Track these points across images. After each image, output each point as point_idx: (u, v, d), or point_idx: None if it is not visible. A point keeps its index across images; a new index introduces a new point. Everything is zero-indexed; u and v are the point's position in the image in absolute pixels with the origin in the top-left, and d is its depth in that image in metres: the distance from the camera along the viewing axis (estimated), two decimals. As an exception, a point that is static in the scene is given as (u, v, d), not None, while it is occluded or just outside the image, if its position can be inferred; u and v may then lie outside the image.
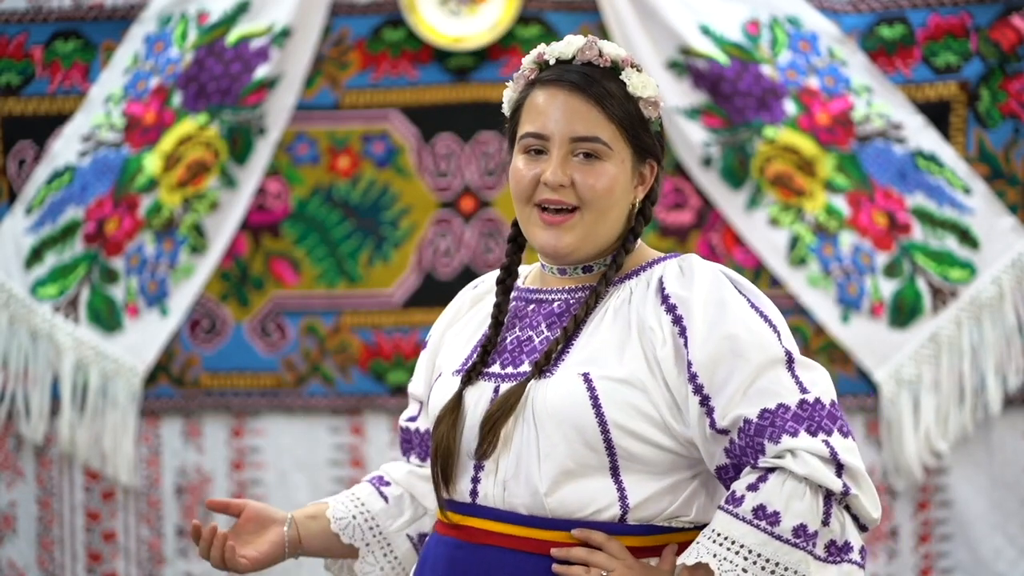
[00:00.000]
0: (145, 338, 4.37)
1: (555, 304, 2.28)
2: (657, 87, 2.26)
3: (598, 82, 2.22)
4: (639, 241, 2.30)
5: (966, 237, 4.21)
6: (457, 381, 2.27)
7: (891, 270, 4.23)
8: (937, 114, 4.23)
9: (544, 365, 2.19)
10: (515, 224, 2.34)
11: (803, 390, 2.14)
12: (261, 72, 4.31)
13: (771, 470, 2.13)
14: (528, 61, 2.28)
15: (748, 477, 2.13)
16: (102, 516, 4.41)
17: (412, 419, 2.44)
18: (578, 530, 2.16)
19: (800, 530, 2.11)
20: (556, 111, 2.22)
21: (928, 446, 4.23)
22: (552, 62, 2.26)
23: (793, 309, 4.28)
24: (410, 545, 2.44)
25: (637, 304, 2.22)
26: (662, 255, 2.29)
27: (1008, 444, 4.25)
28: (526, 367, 2.23)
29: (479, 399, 2.23)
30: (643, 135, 2.24)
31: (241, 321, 4.40)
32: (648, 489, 2.18)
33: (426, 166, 4.37)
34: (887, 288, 4.23)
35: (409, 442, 2.45)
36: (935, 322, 4.23)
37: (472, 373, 2.25)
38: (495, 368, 2.26)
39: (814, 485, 2.11)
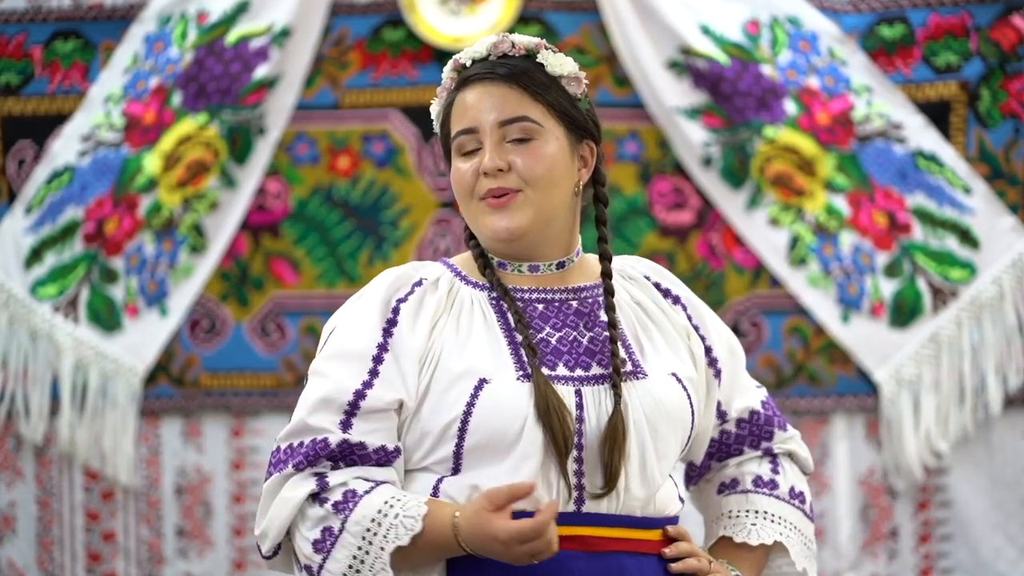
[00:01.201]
0: (145, 338, 4.37)
1: (574, 303, 2.26)
2: (576, 65, 2.27)
3: (517, 67, 2.24)
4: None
5: (966, 237, 4.21)
6: (528, 386, 2.15)
7: (891, 270, 4.23)
8: (937, 114, 4.23)
9: (622, 367, 2.19)
10: (468, 226, 2.31)
11: (757, 384, 2.44)
12: (261, 72, 4.31)
13: (777, 454, 2.37)
14: (447, 71, 2.30)
15: (761, 462, 2.36)
16: (102, 516, 4.41)
17: (343, 430, 2.16)
18: (671, 528, 2.23)
19: (812, 506, 2.39)
20: (480, 103, 2.23)
21: (928, 446, 4.23)
22: (469, 64, 2.27)
23: (793, 309, 4.28)
24: None
25: (650, 305, 2.29)
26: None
27: (1008, 444, 4.25)
28: (596, 369, 2.20)
29: (566, 403, 2.16)
30: (572, 112, 2.25)
31: (241, 321, 4.40)
32: (678, 484, 2.30)
33: (426, 166, 4.37)
34: (887, 288, 4.23)
35: (351, 457, 2.16)
36: (935, 322, 4.23)
37: (539, 376, 2.16)
38: (561, 371, 2.19)
39: (805, 464, 2.42)
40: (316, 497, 2.13)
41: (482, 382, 2.15)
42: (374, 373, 2.17)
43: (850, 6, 4.27)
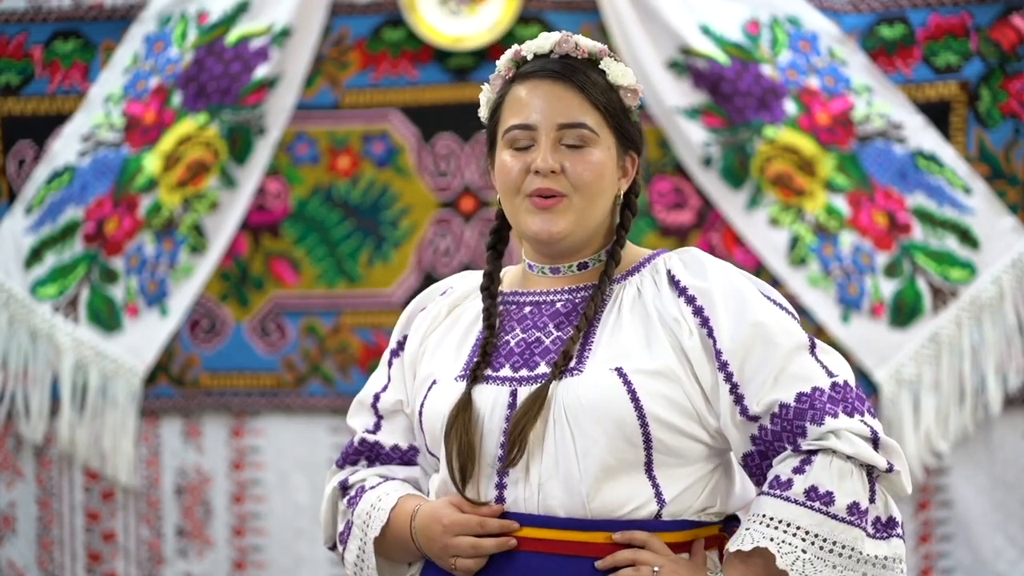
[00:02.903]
0: (145, 338, 4.37)
1: (559, 304, 2.26)
2: (635, 77, 2.27)
3: (579, 70, 2.23)
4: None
5: (966, 237, 4.21)
6: (460, 386, 2.21)
7: (891, 270, 4.23)
8: (937, 114, 4.23)
9: (564, 364, 2.17)
10: (494, 232, 2.35)
11: (830, 373, 2.18)
12: (261, 72, 4.31)
13: (814, 452, 2.14)
14: (505, 60, 2.29)
15: (790, 460, 2.14)
16: (102, 516, 4.41)
17: (371, 431, 2.35)
18: (619, 534, 2.14)
19: (854, 508, 2.14)
20: (540, 101, 2.22)
21: (928, 446, 4.23)
22: (530, 57, 2.26)
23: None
24: None
25: (651, 298, 2.22)
26: (655, 251, 2.30)
27: (1008, 444, 4.25)
28: (543, 368, 2.20)
29: (495, 404, 2.19)
30: (626, 123, 2.25)
31: (241, 321, 4.40)
32: (681, 483, 2.18)
33: (426, 166, 4.37)
34: (887, 288, 4.23)
35: (371, 455, 2.35)
36: (935, 322, 4.23)
37: (476, 376, 2.21)
38: (505, 372, 2.21)
39: (859, 463, 2.15)
40: (343, 492, 2.33)
41: (432, 383, 2.26)
42: (388, 378, 2.35)
43: (850, 6, 4.27)
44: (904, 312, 4.23)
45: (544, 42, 2.26)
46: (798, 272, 4.27)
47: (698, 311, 2.19)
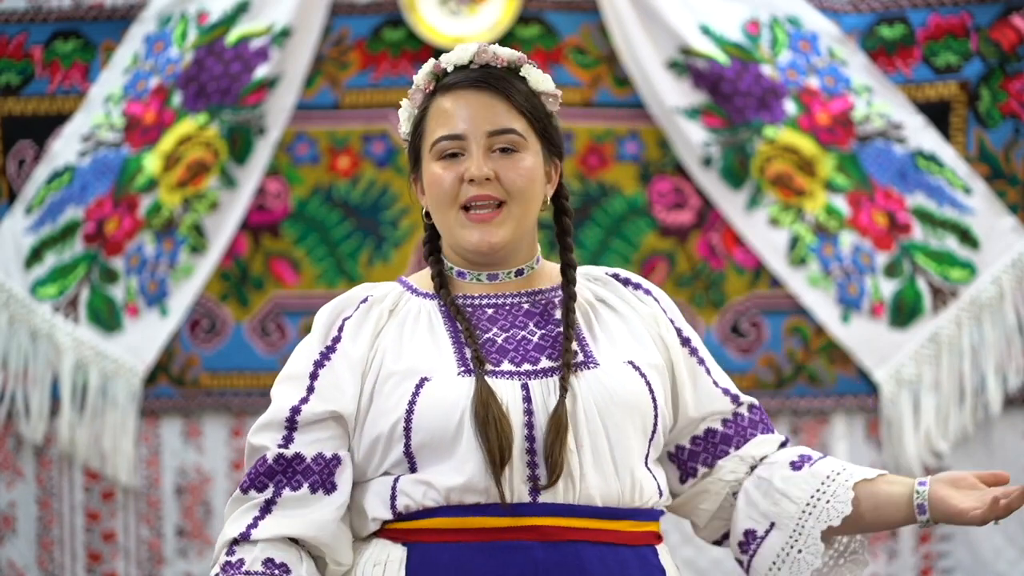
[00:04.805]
0: (145, 338, 4.37)
1: (525, 306, 2.27)
2: (553, 83, 2.29)
3: (502, 78, 2.25)
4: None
5: (966, 237, 4.21)
6: (468, 381, 2.17)
7: (891, 270, 4.23)
8: (937, 114, 4.23)
9: (572, 359, 2.19)
10: (427, 241, 2.32)
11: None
12: (261, 72, 4.31)
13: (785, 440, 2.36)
14: (423, 74, 2.31)
15: (792, 449, 2.33)
16: (102, 516, 4.41)
17: (283, 445, 2.21)
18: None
19: None
20: (466, 111, 2.23)
21: (928, 446, 4.23)
22: (450, 69, 2.28)
23: (793, 309, 4.28)
24: None
25: (615, 301, 2.29)
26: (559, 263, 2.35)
27: (1008, 444, 4.25)
28: (545, 362, 2.20)
29: (511, 398, 2.17)
30: (550, 128, 2.27)
31: (241, 321, 4.40)
32: (662, 475, 2.26)
33: (426, 166, 4.37)
34: (887, 288, 4.23)
35: (289, 472, 2.20)
36: (935, 322, 4.23)
37: (482, 371, 2.18)
38: (506, 367, 2.20)
39: None
40: (229, 550, 2.19)
41: (423, 380, 2.18)
42: (310, 389, 2.23)
43: (850, 6, 4.27)
44: (904, 312, 4.24)
45: (463, 53, 2.28)
46: (798, 272, 4.27)
47: (664, 310, 2.32)
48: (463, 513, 2.15)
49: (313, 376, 2.24)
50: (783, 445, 2.34)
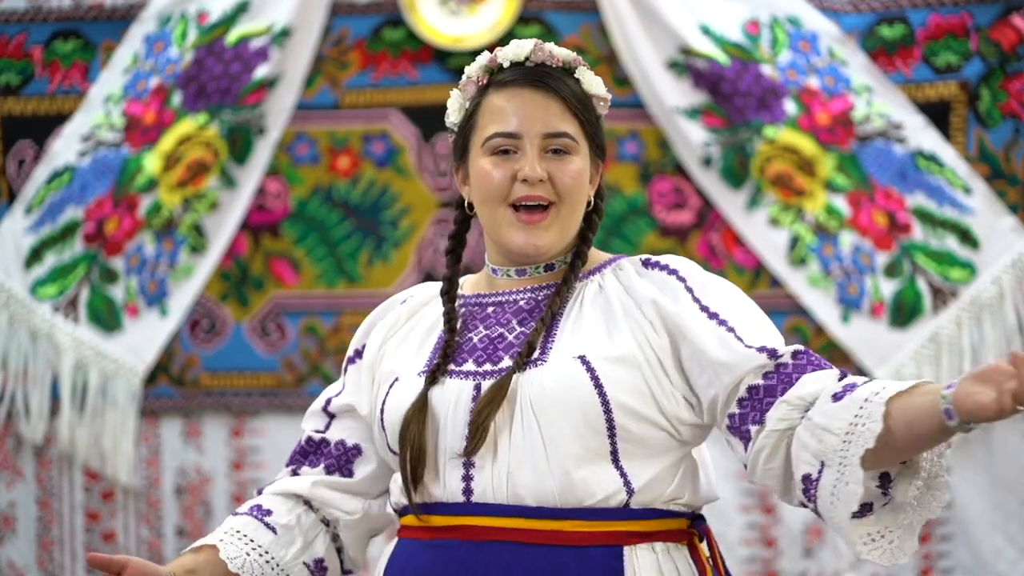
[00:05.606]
0: (145, 338, 4.37)
1: (521, 302, 2.27)
2: (605, 87, 2.30)
3: (558, 79, 2.25)
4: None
5: (966, 237, 4.21)
6: (421, 382, 2.22)
7: (891, 270, 4.23)
8: (937, 114, 4.23)
9: (527, 356, 2.18)
10: (453, 236, 2.35)
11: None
12: (261, 72, 4.31)
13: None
14: (477, 67, 2.30)
15: (839, 382, 2.13)
16: (102, 516, 4.41)
17: (321, 431, 2.39)
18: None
19: None
20: (522, 109, 2.23)
21: (928, 446, 4.23)
22: (506, 65, 2.27)
23: (793, 309, 4.28)
24: (308, 573, 2.37)
25: (615, 292, 2.24)
26: (617, 255, 2.32)
27: (1008, 444, 4.25)
28: (507, 361, 2.21)
29: (459, 397, 2.19)
30: (598, 131, 2.29)
31: (241, 321, 4.40)
32: (648, 472, 2.18)
33: (426, 166, 4.37)
34: (887, 288, 4.23)
35: (315, 453, 2.39)
36: (935, 322, 4.23)
37: (437, 373, 2.22)
38: (468, 367, 2.22)
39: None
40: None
41: (395, 380, 2.26)
42: (344, 383, 2.40)
43: (850, 6, 4.27)
44: (904, 312, 4.23)
45: (519, 50, 2.27)
46: (798, 272, 4.27)
47: (681, 280, 2.21)
48: (413, 512, 2.23)
49: (345, 371, 2.41)
50: (842, 378, 2.15)
